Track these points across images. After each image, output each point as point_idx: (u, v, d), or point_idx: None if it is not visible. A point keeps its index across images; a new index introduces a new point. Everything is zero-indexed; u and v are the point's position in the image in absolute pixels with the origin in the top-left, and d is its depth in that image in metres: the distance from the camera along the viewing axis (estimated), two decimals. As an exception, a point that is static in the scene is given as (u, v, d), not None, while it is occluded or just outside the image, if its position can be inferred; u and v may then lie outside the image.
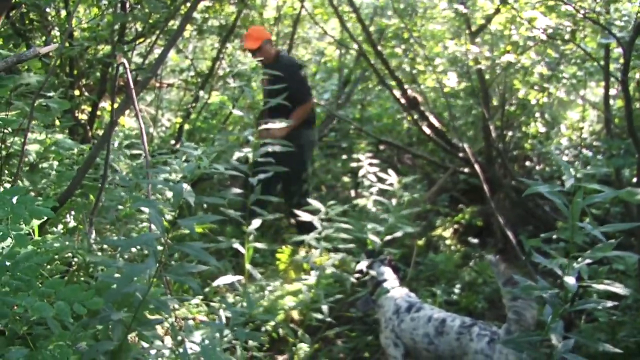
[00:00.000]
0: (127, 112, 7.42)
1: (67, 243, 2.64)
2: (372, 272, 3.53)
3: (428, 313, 3.10)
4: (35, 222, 2.54)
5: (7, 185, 3.09)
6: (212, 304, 3.69)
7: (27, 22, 5.99)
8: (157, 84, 7.47)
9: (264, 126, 4.36)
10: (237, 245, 3.66)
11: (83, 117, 5.30)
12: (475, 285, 4.75)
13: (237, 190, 3.66)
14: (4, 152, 3.41)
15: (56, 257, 2.70)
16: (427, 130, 6.28)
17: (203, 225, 3.95)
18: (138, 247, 2.89)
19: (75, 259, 2.87)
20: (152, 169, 3.21)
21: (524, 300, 2.69)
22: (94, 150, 3.03)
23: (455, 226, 5.93)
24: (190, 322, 2.80)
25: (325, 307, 3.69)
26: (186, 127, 7.04)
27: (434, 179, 6.93)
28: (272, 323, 3.80)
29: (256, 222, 3.81)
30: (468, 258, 5.32)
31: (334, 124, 8.08)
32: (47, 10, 5.93)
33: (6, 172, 3.41)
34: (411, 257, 4.97)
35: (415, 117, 6.20)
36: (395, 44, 6.35)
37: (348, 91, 8.33)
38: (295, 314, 4.05)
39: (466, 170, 6.27)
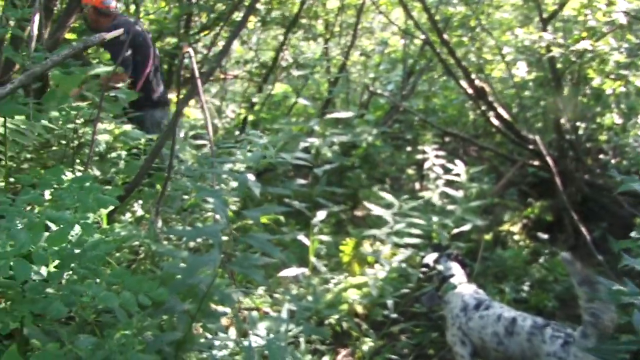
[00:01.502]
0: (192, 103, 7.54)
1: (134, 232, 2.67)
2: (439, 267, 3.42)
3: (497, 311, 2.97)
4: (104, 211, 2.58)
5: (79, 174, 3.15)
6: (275, 295, 3.67)
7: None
8: (222, 76, 7.54)
9: None
10: (301, 237, 3.62)
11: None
12: (546, 283, 4.56)
13: (302, 181, 3.62)
14: (75, 142, 3.49)
15: (123, 245, 2.73)
16: (496, 122, 6.07)
17: (268, 216, 3.94)
18: (203, 237, 2.89)
19: (142, 248, 2.90)
20: (217, 159, 3.21)
21: (602, 302, 2.53)
22: (160, 140, 3.05)
23: (524, 221, 5.73)
24: (254, 313, 2.79)
25: (390, 302, 3.61)
26: (250, 118, 7.08)
27: (502, 171, 6.71)
28: (336, 316, 3.76)
29: (321, 214, 3.76)
30: (537, 254, 5.12)
31: (398, 115, 7.96)
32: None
33: (78, 161, 3.50)
34: (478, 252, 4.82)
35: (483, 107, 6.00)
36: (462, 33, 6.16)
37: (412, 82, 8.17)
38: (359, 308, 3.99)
39: (536, 163, 6.03)
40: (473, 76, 5.92)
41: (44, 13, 3.14)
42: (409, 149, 7.18)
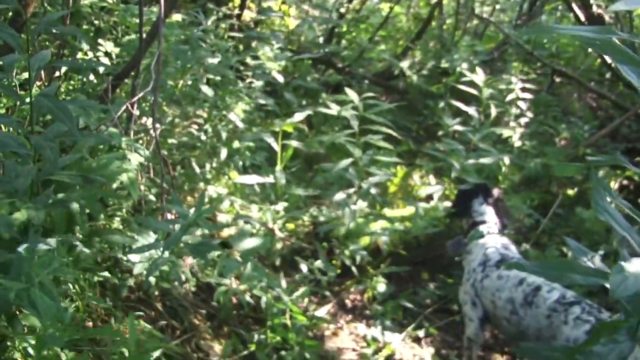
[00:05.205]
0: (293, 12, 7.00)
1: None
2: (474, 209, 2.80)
3: (521, 274, 2.36)
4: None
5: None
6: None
7: None
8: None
9: None
10: (270, 139, 3.00)
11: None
12: (625, 257, 3.78)
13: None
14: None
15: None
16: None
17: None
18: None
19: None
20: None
21: None
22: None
23: (625, 182, 4.82)
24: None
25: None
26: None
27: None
28: (351, 247, 3.30)
29: (298, 116, 3.19)
30: (630, 222, 4.29)
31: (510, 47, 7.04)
32: None
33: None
34: (551, 206, 4.11)
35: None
36: None
37: (533, 11, 7.16)
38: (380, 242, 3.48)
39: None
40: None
41: None
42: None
